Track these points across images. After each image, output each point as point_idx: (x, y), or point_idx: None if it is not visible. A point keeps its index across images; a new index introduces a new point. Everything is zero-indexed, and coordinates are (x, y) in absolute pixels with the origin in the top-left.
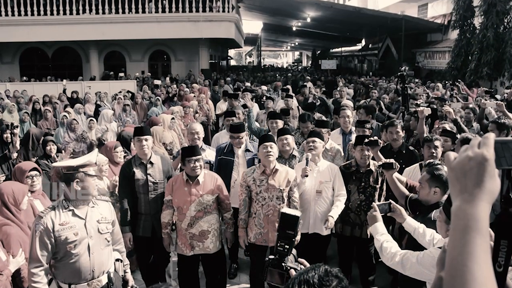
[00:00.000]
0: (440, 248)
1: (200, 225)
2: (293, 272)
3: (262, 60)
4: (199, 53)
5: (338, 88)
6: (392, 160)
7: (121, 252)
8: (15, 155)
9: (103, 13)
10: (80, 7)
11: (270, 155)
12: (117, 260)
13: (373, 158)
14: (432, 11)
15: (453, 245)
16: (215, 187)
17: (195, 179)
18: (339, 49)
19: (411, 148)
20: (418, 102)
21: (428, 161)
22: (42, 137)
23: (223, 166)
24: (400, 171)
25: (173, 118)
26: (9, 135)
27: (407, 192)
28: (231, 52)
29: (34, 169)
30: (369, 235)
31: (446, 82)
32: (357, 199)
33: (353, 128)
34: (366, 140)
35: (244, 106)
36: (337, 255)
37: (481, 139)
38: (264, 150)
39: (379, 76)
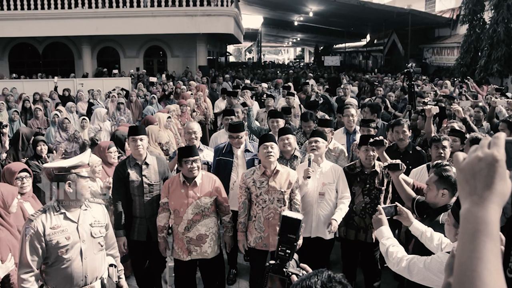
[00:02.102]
0: (448, 252)
1: (198, 229)
2: (294, 278)
3: (262, 57)
4: (197, 49)
5: (342, 86)
6: (398, 161)
7: (115, 257)
8: (4, 155)
9: (96, 7)
10: (72, 1)
11: (271, 155)
12: (110, 265)
13: (378, 159)
14: (440, 5)
15: (462, 249)
16: (213, 189)
17: (192, 181)
18: (343, 45)
19: (418, 148)
20: (426, 100)
21: (436, 162)
22: (33, 137)
23: (221, 167)
24: (407, 172)
25: (169, 117)
26: None
27: (414, 194)
28: (230, 48)
29: (24, 170)
30: (374, 239)
31: (455, 79)
32: (361, 201)
33: (358, 128)
34: (371, 140)
35: (244, 104)
36: (340, 260)
37: (491, 139)
38: (264, 150)
39: (385, 73)
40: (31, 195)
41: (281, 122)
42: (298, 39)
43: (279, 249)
